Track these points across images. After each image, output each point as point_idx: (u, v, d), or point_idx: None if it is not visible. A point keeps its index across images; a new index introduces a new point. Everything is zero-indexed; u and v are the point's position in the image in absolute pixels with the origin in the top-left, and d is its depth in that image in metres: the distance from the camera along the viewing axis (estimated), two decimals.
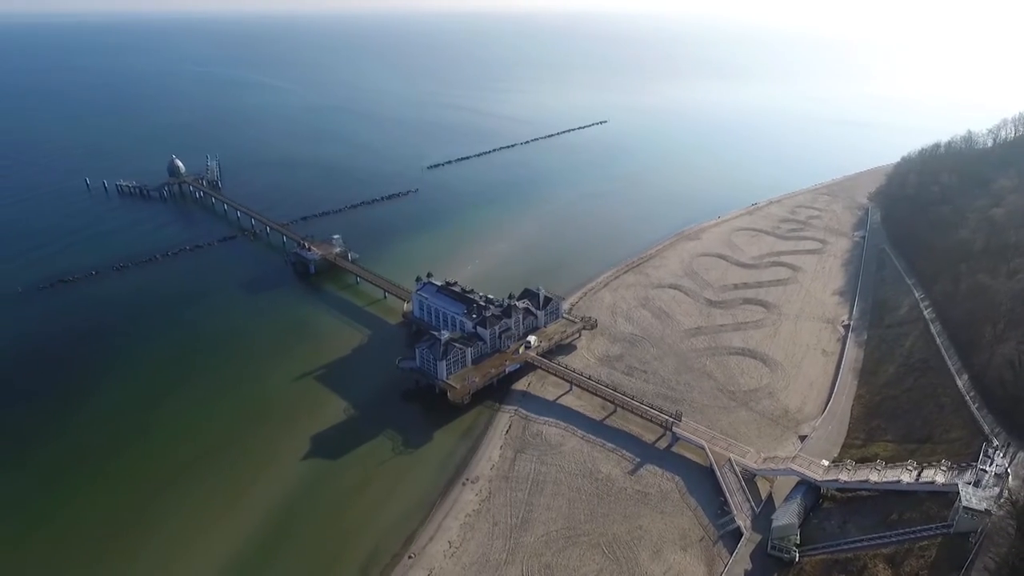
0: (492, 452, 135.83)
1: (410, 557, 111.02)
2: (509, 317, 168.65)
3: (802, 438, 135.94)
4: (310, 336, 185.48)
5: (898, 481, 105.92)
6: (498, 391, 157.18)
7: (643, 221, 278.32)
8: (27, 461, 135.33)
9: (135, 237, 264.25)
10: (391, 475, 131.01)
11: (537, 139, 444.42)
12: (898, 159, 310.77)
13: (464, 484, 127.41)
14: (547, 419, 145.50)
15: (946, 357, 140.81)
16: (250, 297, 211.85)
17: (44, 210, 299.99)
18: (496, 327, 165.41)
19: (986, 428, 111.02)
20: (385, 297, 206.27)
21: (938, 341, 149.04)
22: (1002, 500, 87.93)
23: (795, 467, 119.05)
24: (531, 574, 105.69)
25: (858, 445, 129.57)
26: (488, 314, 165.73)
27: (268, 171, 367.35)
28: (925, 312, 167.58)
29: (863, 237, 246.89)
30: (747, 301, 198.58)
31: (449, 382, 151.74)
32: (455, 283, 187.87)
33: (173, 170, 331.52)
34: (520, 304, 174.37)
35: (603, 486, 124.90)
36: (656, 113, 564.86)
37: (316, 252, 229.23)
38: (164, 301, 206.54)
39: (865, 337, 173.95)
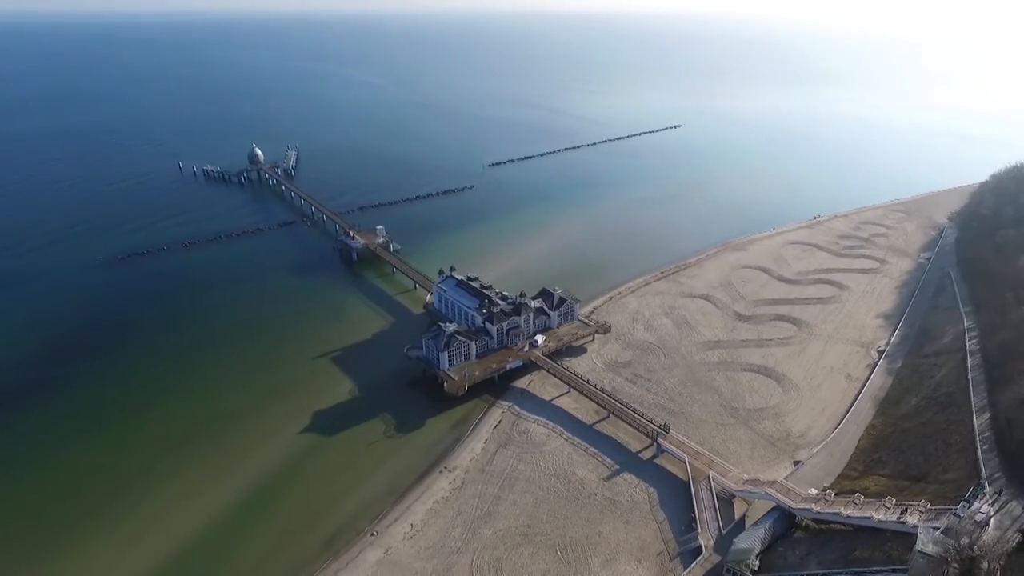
0: (476, 444, 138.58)
1: (372, 535, 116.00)
2: (519, 315, 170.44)
3: (796, 464, 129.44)
4: (337, 319, 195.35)
5: (869, 517, 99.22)
6: (498, 387, 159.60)
7: (692, 228, 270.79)
8: (77, 404, 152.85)
9: (208, 218, 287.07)
10: (376, 456, 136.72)
11: (606, 141, 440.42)
12: (987, 176, 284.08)
13: (441, 472, 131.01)
14: (538, 418, 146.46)
15: (971, 392, 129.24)
16: (293, 279, 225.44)
17: (142, 191, 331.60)
18: (504, 324, 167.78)
19: (983, 471, 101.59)
20: (415, 288, 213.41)
21: (969, 375, 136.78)
22: (959, 546, 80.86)
23: (771, 491, 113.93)
24: (480, 565, 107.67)
25: (853, 477, 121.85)
26: (496, 310, 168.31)
27: (340, 162, 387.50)
28: (968, 343, 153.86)
29: (928, 259, 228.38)
30: (779, 317, 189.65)
31: (449, 373, 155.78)
32: (476, 278, 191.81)
33: (253, 158, 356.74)
34: (532, 303, 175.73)
35: (574, 489, 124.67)
36: (735, 118, 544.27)
37: (360, 241, 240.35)
38: (216, 277, 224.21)
39: (899, 365, 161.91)
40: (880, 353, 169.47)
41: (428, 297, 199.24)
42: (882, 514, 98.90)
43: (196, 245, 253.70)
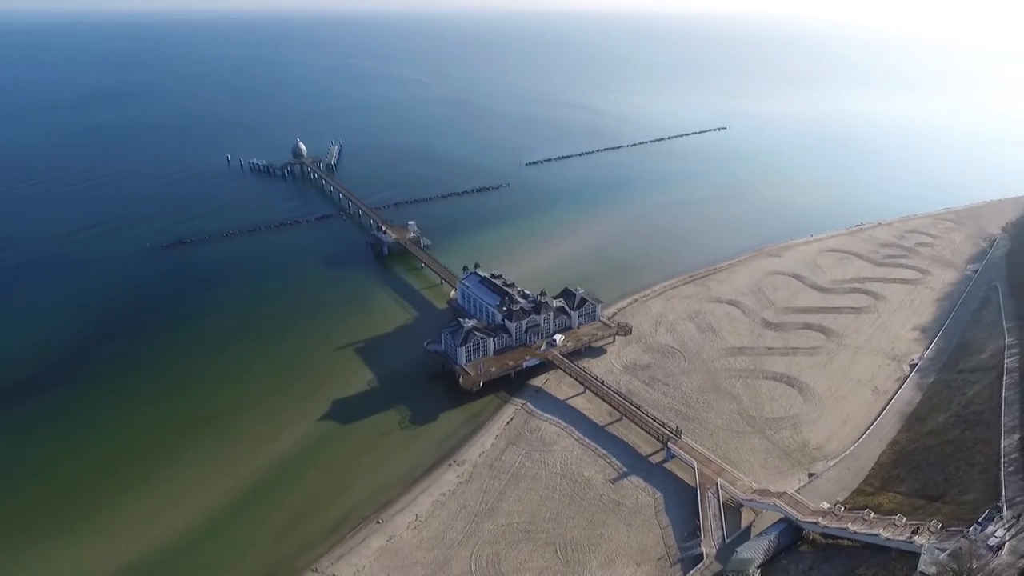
0: (486, 440, 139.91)
1: (377, 522, 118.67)
2: (538, 313, 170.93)
3: (811, 476, 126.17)
4: (363, 311, 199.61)
5: (876, 535, 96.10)
6: (515, 384, 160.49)
7: (727, 233, 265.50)
8: (118, 383, 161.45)
9: (250, 209, 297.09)
10: (389, 446, 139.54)
11: (646, 142, 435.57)
12: None
13: (450, 465, 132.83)
14: (550, 417, 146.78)
15: (1003, 411, 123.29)
16: (326, 270, 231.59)
17: (192, 182, 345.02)
18: (523, 322, 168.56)
19: (1004, 494, 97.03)
20: (441, 283, 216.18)
21: (1004, 394, 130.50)
22: (959, 570, 77.70)
23: (779, 503, 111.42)
24: (479, 559, 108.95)
25: (869, 492, 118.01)
26: (516, 308, 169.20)
27: (380, 157, 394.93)
28: (1007, 360, 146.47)
29: (975, 271, 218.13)
30: (808, 326, 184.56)
31: (465, 368, 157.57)
32: (499, 276, 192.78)
33: (296, 152, 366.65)
34: (553, 302, 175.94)
35: (579, 489, 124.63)
36: (780, 121, 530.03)
37: (391, 235, 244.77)
38: (253, 266, 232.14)
39: (931, 380, 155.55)
40: (912, 367, 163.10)
41: (452, 293, 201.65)
42: (890, 532, 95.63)
43: (236, 235, 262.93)
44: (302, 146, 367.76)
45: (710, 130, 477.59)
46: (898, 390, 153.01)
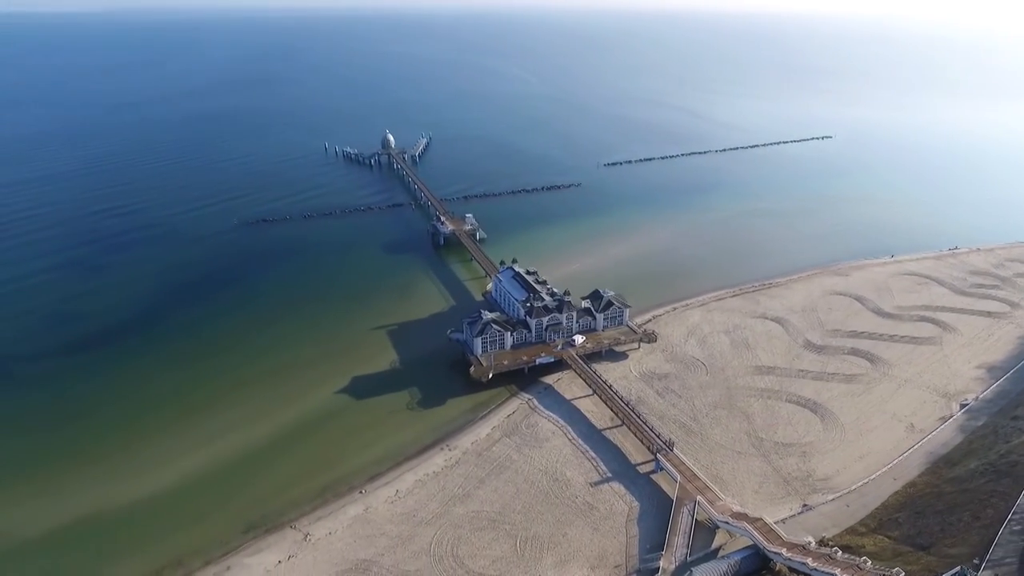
0: (483, 430, 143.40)
1: (361, 492, 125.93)
2: (561, 312, 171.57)
3: (805, 507, 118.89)
4: (406, 296, 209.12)
5: (834, 575, 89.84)
6: (527, 379, 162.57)
7: (797, 247, 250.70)
8: (174, 340, 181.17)
9: (333, 194, 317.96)
10: (392, 424, 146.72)
11: (738, 148, 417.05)
12: None
13: (441, 449, 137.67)
14: (551, 415, 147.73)
15: None
16: (383, 255, 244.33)
17: (290, 166, 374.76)
18: (544, 319, 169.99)
19: (992, 553, 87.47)
20: (486, 276, 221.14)
21: None
22: None
23: (749, 528, 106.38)
24: (440, 540, 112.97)
25: (860, 532, 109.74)
26: (538, 305, 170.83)
27: (463, 151, 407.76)
28: None
29: None
30: (854, 352, 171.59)
31: (479, 359, 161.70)
32: (534, 272, 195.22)
33: (385, 143, 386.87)
34: (579, 303, 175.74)
35: (558, 487, 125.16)
36: (889, 131, 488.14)
37: (448, 226, 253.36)
38: (318, 247, 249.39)
39: (979, 423, 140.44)
40: (963, 407, 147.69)
41: (488, 286, 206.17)
42: (848, 574, 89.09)
43: (313, 218, 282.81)
44: (390, 137, 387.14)
45: (813, 138, 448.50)
46: (936, 430, 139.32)
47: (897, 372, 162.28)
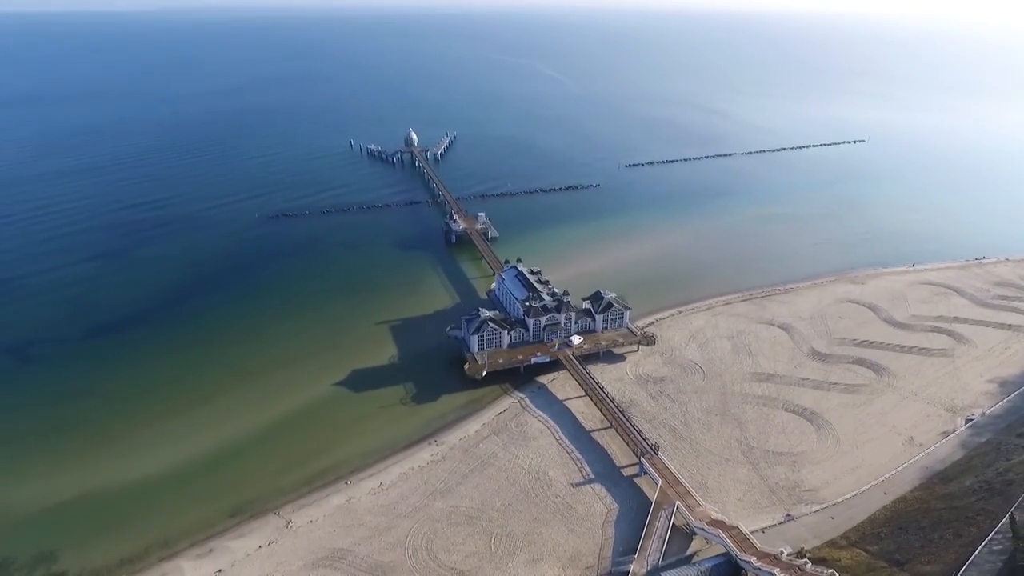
0: (472, 426, 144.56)
1: (346, 483, 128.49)
2: (559, 312, 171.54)
3: (787, 517, 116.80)
4: (413, 292, 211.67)
5: None
6: (523, 378, 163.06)
7: (814, 253, 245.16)
8: (187, 330, 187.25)
9: (353, 190, 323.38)
10: (384, 417, 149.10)
11: (765, 151, 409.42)
12: None
13: (429, 444, 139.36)
14: (541, 414, 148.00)
15: None
16: (395, 251, 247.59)
17: (315, 162, 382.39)
18: (541, 319, 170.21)
19: (963, 571, 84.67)
20: (494, 275, 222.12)
21: None
22: None
23: (723, 535, 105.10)
24: (416, 533, 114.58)
25: (840, 546, 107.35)
26: (536, 305, 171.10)
27: (486, 150, 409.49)
28: None
29: None
30: (859, 361, 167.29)
31: (474, 356, 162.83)
32: (538, 272, 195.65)
33: (408, 140, 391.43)
34: (578, 304, 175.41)
35: (539, 486, 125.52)
36: (924, 135, 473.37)
37: (460, 225, 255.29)
38: (333, 241, 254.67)
39: (982, 439, 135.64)
40: (967, 422, 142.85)
41: (493, 284, 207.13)
42: None
43: (331, 213, 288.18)
44: (413, 135, 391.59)
45: (844, 142, 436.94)
46: (936, 445, 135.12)
47: (902, 384, 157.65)
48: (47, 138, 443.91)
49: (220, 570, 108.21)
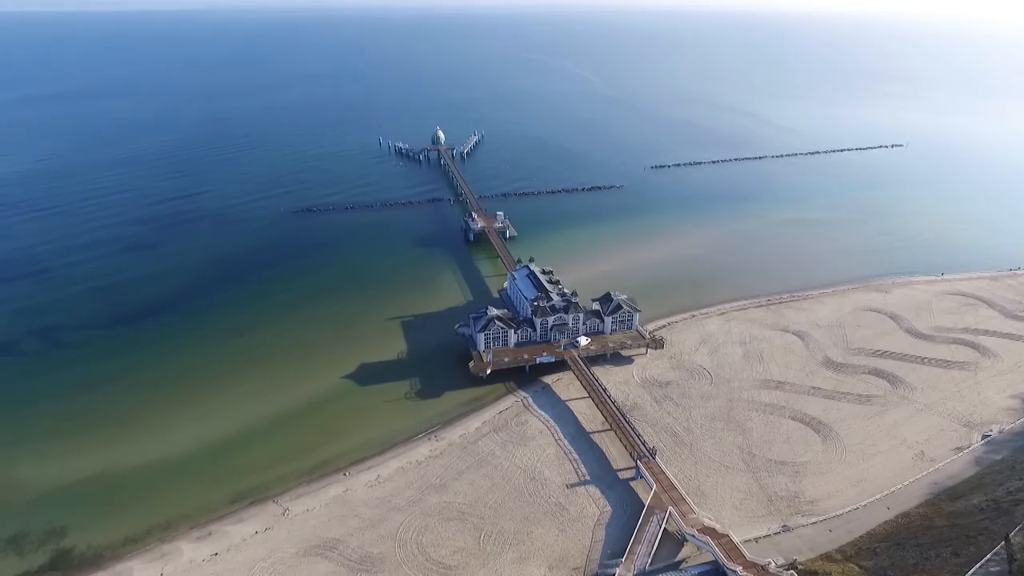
0: (473, 424, 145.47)
1: (345, 474, 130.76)
2: (567, 313, 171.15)
3: (783, 528, 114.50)
4: (427, 288, 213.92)
5: None
6: (528, 378, 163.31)
7: (837, 260, 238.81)
8: (207, 319, 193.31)
9: (378, 187, 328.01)
10: (387, 412, 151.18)
11: (797, 154, 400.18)
12: None
13: (429, 439, 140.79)
14: (542, 414, 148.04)
15: None
16: (413, 247, 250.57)
17: (344, 159, 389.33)
18: (549, 319, 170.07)
19: None
20: (508, 273, 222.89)
21: None
22: None
23: (712, 543, 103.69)
24: (407, 526, 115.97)
25: (835, 559, 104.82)
26: (544, 305, 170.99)
27: (515, 149, 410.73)
28: None
29: None
30: (875, 372, 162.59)
31: (480, 354, 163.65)
32: (550, 271, 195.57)
33: (435, 139, 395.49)
34: (586, 305, 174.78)
35: (533, 486, 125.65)
36: (964, 140, 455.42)
37: (479, 223, 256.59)
38: (354, 236, 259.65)
39: (998, 457, 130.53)
40: (984, 438, 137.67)
41: (505, 283, 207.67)
42: None
43: (355, 208, 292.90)
44: (440, 133, 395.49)
45: (881, 147, 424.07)
46: (947, 460, 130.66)
47: (918, 396, 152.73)
48: (95, 131, 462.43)
49: (216, 553, 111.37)
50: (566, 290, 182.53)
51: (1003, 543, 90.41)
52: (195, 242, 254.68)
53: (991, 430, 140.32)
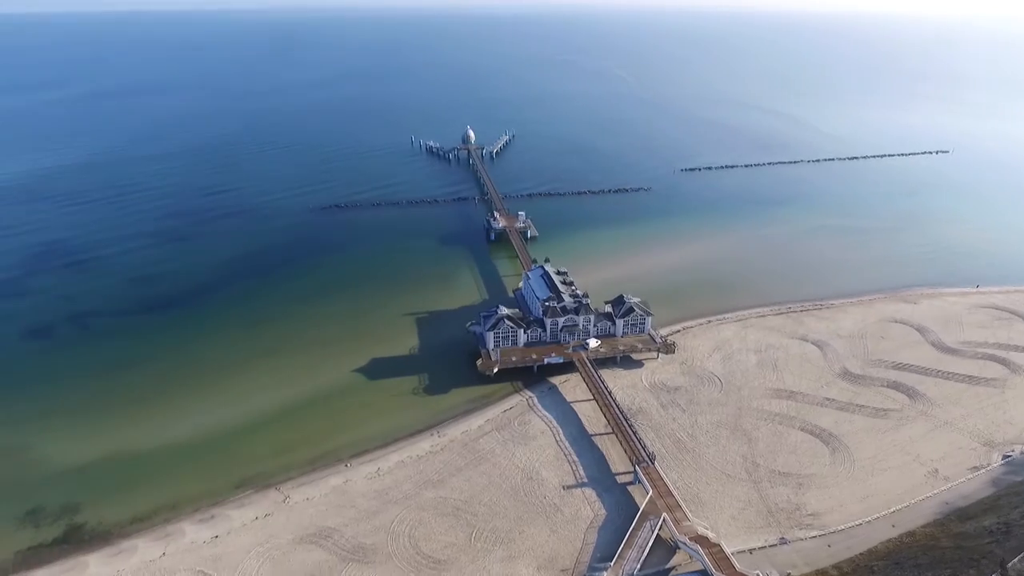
0: (476, 421, 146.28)
1: (346, 466, 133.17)
2: (578, 314, 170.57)
3: (781, 541, 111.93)
4: (445, 285, 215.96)
5: None
6: (536, 378, 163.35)
7: (864, 269, 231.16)
8: (227, 310, 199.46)
9: (406, 185, 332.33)
10: (393, 406, 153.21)
11: (834, 159, 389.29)
12: None
13: (431, 435, 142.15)
14: (546, 414, 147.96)
15: None
16: (435, 245, 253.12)
17: (376, 157, 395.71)
18: (559, 319, 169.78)
19: None
20: (523, 273, 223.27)
21: None
22: None
23: (702, 552, 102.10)
24: (401, 519, 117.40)
25: (830, 575, 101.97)
26: (554, 305, 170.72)
27: (544, 149, 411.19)
28: None
29: None
30: (893, 385, 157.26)
31: (489, 352, 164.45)
32: (564, 272, 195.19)
33: (465, 138, 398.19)
34: (598, 307, 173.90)
35: (529, 486, 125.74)
36: (1014, 145, 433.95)
37: (500, 223, 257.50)
38: (378, 233, 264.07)
39: (1018, 479, 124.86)
40: (1005, 458, 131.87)
41: (520, 283, 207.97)
42: None
43: (381, 206, 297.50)
44: (471, 133, 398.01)
45: (925, 152, 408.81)
46: (962, 479, 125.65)
47: (938, 412, 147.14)
48: (140, 126, 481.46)
49: (216, 536, 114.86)
50: (579, 291, 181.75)
51: (998, 571, 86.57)
52: (226, 237, 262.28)
53: (1013, 450, 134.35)
